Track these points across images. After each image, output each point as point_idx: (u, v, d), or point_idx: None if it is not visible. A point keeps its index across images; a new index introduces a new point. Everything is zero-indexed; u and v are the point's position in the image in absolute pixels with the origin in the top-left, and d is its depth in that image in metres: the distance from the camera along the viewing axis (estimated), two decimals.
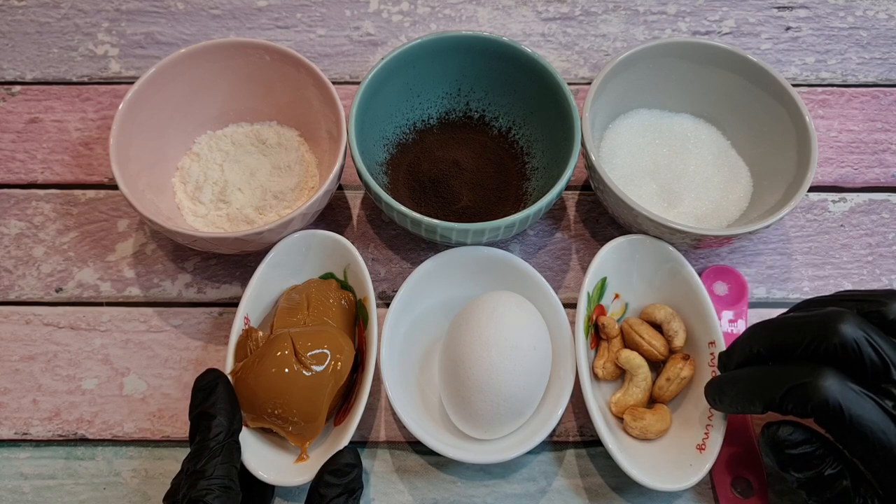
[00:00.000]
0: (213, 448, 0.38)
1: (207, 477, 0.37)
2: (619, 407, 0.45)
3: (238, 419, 0.40)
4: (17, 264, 0.52)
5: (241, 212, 0.50)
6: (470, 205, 0.51)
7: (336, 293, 0.46)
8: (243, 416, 0.42)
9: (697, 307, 0.46)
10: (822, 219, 0.54)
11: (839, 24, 0.62)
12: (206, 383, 0.40)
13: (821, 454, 0.36)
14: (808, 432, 0.36)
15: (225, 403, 0.40)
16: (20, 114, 0.57)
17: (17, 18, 0.62)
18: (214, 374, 0.41)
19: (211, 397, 0.40)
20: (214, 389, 0.40)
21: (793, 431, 0.36)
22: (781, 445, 0.36)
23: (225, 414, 0.39)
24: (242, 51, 0.51)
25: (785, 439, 0.36)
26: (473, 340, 0.42)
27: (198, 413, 0.39)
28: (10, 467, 0.45)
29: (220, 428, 0.38)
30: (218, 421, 0.39)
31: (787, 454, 0.36)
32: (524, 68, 0.51)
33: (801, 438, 0.36)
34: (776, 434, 0.36)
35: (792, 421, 0.36)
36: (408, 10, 0.63)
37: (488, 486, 0.45)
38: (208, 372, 0.41)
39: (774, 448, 0.37)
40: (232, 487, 0.37)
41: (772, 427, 0.37)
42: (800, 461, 0.36)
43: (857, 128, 0.58)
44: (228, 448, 0.38)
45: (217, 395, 0.40)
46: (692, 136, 0.53)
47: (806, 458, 0.36)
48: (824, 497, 0.36)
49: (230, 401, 0.40)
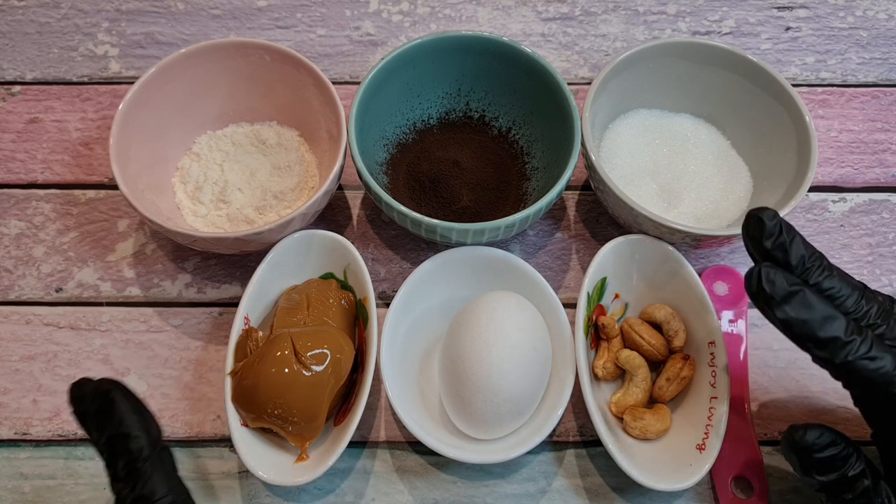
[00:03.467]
0: (143, 469, 0.34)
1: (151, 500, 0.34)
2: (619, 407, 0.45)
3: (154, 425, 0.35)
4: (17, 264, 0.52)
5: (241, 212, 0.50)
6: (470, 205, 0.51)
7: (336, 293, 0.46)
8: (243, 416, 0.42)
9: (697, 307, 0.46)
10: (822, 219, 0.54)
11: (839, 24, 0.62)
12: (98, 403, 0.35)
13: (845, 455, 0.35)
14: (834, 434, 0.36)
15: (132, 415, 0.34)
16: (20, 114, 0.57)
17: (17, 18, 0.62)
18: (100, 386, 0.35)
19: (113, 416, 0.34)
20: (112, 405, 0.34)
21: (820, 435, 0.36)
22: (809, 450, 0.36)
23: (139, 427, 0.34)
24: (242, 51, 0.51)
25: (812, 443, 0.35)
26: (473, 340, 0.42)
27: (107, 438, 0.34)
28: (10, 467, 0.45)
29: (139, 444, 0.34)
30: (134, 438, 0.34)
31: (815, 458, 0.36)
32: (524, 68, 0.51)
33: (828, 441, 0.35)
34: (803, 438, 0.36)
35: (817, 424, 0.36)
36: (408, 10, 0.63)
37: (488, 486, 0.45)
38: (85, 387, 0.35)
39: (800, 452, 0.36)
40: (177, 499, 0.34)
41: (797, 431, 0.36)
42: (826, 464, 0.35)
43: (857, 128, 0.58)
44: (159, 459, 0.35)
45: (119, 410, 0.34)
46: (692, 136, 0.53)
47: (832, 460, 0.35)
48: (845, 499, 0.35)
49: (136, 408, 0.35)
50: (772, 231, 0.35)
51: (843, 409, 0.47)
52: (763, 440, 0.46)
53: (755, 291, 0.35)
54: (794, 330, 0.34)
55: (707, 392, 0.44)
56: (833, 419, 0.47)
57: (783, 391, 0.48)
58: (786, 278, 0.34)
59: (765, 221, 0.35)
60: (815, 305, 0.34)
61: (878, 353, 0.34)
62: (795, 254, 0.35)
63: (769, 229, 0.35)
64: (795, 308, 0.34)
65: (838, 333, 0.34)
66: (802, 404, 0.47)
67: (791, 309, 0.34)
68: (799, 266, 0.35)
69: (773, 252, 0.35)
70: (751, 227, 0.36)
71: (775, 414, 0.47)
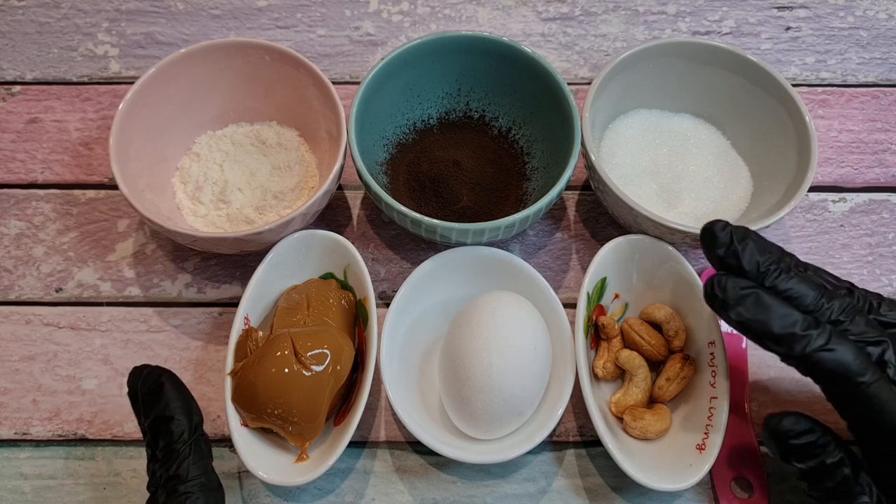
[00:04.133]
0: (181, 450, 0.36)
1: (184, 480, 0.36)
2: (619, 407, 0.45)
3: (196, 412, 0.38)
4: (17, 264, 0.52)
5: (241, 212, 0.50)
6: (470, 205, 0.51)
7: (336, 293, 0.46)
8: (243, 415, 0.42)
9: (697, 307, 0.46)
10: (822, 219, 0.54)
11: (839, 24, 0.62)
12: (149, 385, 0.38)
13: (822, 443, 0.36)
14: (811, 422, 0.36)
15: (178, 401, 0.37)
16: (20, 114, 0.57)
17: (17, 18, 0.62)
18: (155, 372, 0.39)
19: (161, 399, 0.37)
20: (161, 389, 0.38)
21: (795, 422, 0.36)
22: (784, 436, 0.36)
23: (182, 412, 0.37)
24: (242, 51, 0.51)
25: (788, 429, 0.36)
26: (473, 340, 0.42)
27: (153, 419, 0.37)
28: (10, 467, 0.45)
29: (181, 428, 0.37)
30: (177, 421, 0.37)
31: (791, 444, 0.36)
32: (524, 68, 0.51)
33: (804, 428, 0.36)
34: (779, 425, 0.36)
35: (794, 412, 0.37)
36: (408, 10, 0.63)
37: (488, 486, 0.45)
38: (142, 371, 0.39)
39: (777, 438, 0.37)
40: (210, 483, 0.37)
41: (774, 418, 0.37)
42: (802, 451, 0.36)
43: (857, 128, 0.58)
44: (196, 445, 0.37)
45: (166, 394, 0.38)
46: (692, 136, 0.53)
47: (808, 447, 0.36)
48: (826, 486, 0.36)
49: (182, 396, 0.38)
50: (723, 240, 0.37)
51: None
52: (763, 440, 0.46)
53: (709, 298, 0.37)
54: (751, 329, 0.36)
55: (707, 392, 0.44)
56: (833, 419, 0.47)
57: (783, 391, 0.48)
58: (736, 283, 0.36)
59: (715, 232, 0.38)
60: (768, 304, 0.36)
61: (836, 345, 0.35)
62: (749, 259, 0.37)
63: (720, 239, 0.37)
64: (749, 309, 0.36)
65: (793, 329, 0.35)
66: (802, 404, 0.47)
67: (745, 310, 0.36)
68: (753, 271, 0.37)
69: (726, 259, 0.37)
70: (704, 238, 0.38)
71: None
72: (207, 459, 0.38)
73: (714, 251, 0.38)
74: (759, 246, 0.37)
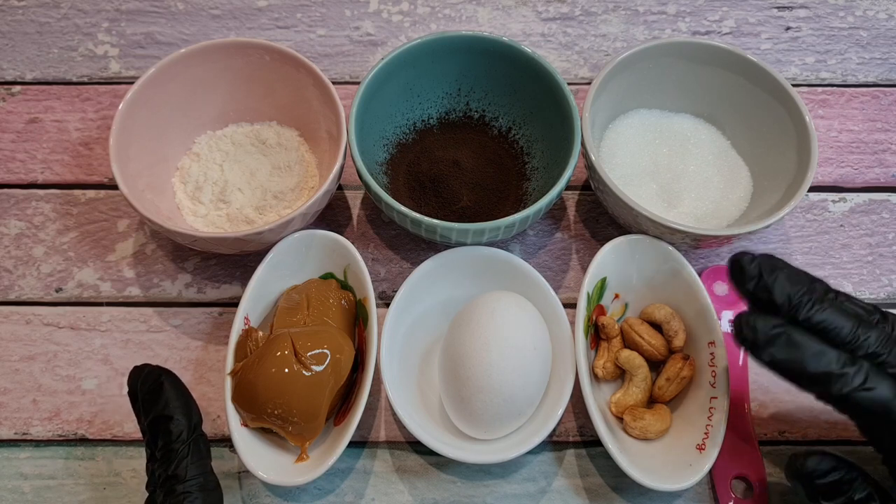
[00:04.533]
0: (179, 450, 0.37)
1: (182, 480, 0.36)
2: (619, 407, 0.45)
3: (196, 412, 0.39)
4: (17, 264, 0.52)
5: (241, 212, 0.50)
6: (470, 205, 0.51)
7: (336, 293, 0.46)
8: (243, 415, 0.42)
9: (697, 307, 0.46)
10: (822, 219, 0.54)
11: (839, 24, 0.62)
12: (149, 385, 0.38)
13: (849, 479, 0.35)
14: (835, 460, 0.36)
15: (177, 401, 0.38)
16: (20, 114, 0.57)
17: (17, 18, 0.62)
18: (154, 372, 0.39)
19: (160, 398, 0.38)
20: (160, 389, 0.38)
21: (820, 461, 0.36)
22: (810, 476, 0.36)
23: (181, 412, 0.37)
24: (242, 51, 0.51)
25: (813, 469, 0.36)
26: (473, 340, 0.42)
27: (152, 419, 0.38)
28: (10, 467, 0.45)
29: (180, 428, 0.37)
30: (176, 421, 0.37)
31: (817, 484, 0.36)
32: (524, 68, 0.51)
33: (829, 467, 0.36)
34: (804, 466, 0.36)
35: (817, 451, 0.36)
36: (408, 10, 0.63)
37: (488, 486, 0.45)
38: (142, 371, 0.39)
39: (803, 480, 0.36)
40: (208, 484, 0.37)
41: (798, 460, 0.36)
42: (830, 489, 0.36)
43: (857, 128, 0.58)
44: (195, 445, 0.37)
45: (166, 394, 0.38)
46: (692, 136, 0.53)
47: (836, 485, 0.36)
48: None
49: (182, 396, 0.38)
50: (752, 273, 0.36)
51: None
52: (763, 440, 0.46)
53: (739, 338, 0.35)
54: (784, 370, 0.34)
55: (707, 392, 0.44)
56: (833, 419, 0.47)
57: (783, 391, 0.48)
58: (766, 322, 0.35)
59: (743, 265, 0.36)
60: (801, 343, 0.34)
61: (874, 384, 0.33)
62: (780, 293, 0.35)
63: (749, 272, 0.36)
64: (780, 349, 0.34)
65: (829, 368, 0.34)
66: (802, 404, 0.47)
67: (777, 351, 0.34)
68: (785, 304, 0.35)
69: (758, 293, 0.36)
70: (733, 272, 0.37)
71: (775, 414, 0.47)
72: (206, 460, 0.38)
73: (744, 286, 0.36)
74: (790, 276, 0.36)
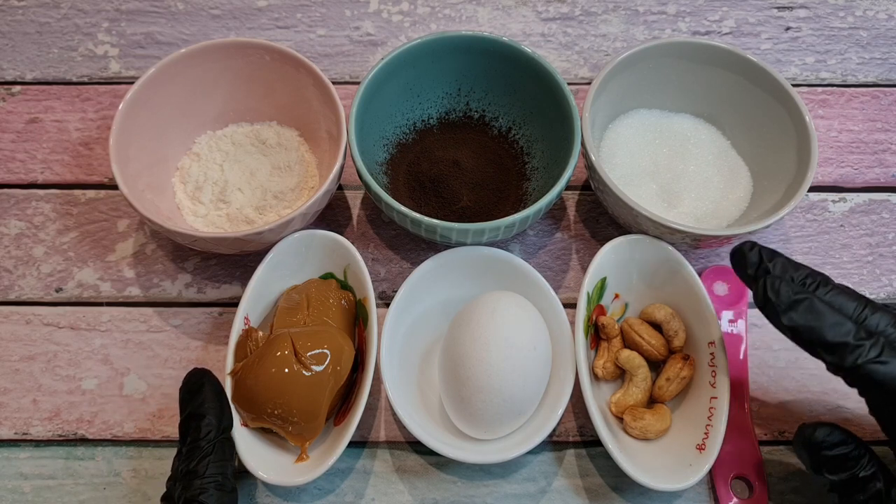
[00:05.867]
0: (204, 447, 0.38)
1: (201, 476, 0.37)
2: (619, 407, 0.45)
3: (228, 416, 0.40)
4: (17, 264, 0.52)
5: (241, 212, 0.50)
6: (470, 205, 0.51)
7: (336, 293, 0.46)
8: (243, 415, 0.42)
9: (697, 307, 0.46)
10: (822, 219, 0.54)
11: (839, 24, 0.62)
12: (192, 384, 0.40)
13: (856, 455, 0.36)
14: (845, 434, 0.36)
15: (212, 402, 0.39)
16: (20, 114, 0.57)
17: (17, 18, 0.62)
18: (200, 373, 0.41)
19: (198, 397, 0.39)
20: (201, 389, 0.40)
21: (830, 433, 0.36)
22: (818, 447, 0.36)
23: (213, 412, 0.39)
24: (242, 51, 0.51)
25: (822, 440, 0.36)
26: (473, 340, 0.42)
27: (186, 415, 0.39)
28: (10, 467, 0.45)
29: (209, 427, 0.38)
30: (207, 420, 0.38)
31: (824, 455, 0.36)
32: (524, 68, 0.51)
33: (838, 440, 0.36)
34: (813, 435, 0.36)
35: (828, 423, 0.37)
36: (408, 10, 0.63)
37: (488, 486, 0.45)
38: (194, 372, 0.41)
39: (810, 450, 0.36)
40: (225, 485, 0.37)
41: (807, 429, 0.37)
42: (835, 463, 0.36)
43: (857, 128, 0.58)
44: (220, 445, 0.38)
45: (204, 394, 0.39)
46: (692, 136, 0.53)
47: (842, 459, 0.36)
48: (857, 500, 0.36)
49: (218, 399, 0.40)
50: (753, 260, 0.37)
51: (842, 409, 0.47)
52: (763, 440, 0.46)
53: (762, 302, 0.36)
54: (803, 336, 0.35)
55: (707, 392, 0.44)
56: (833, 419, 0.47)
57: (783, 391, 0.48)
58: (790, 287, 0.36)
59: (744, 252, 0.38)
60: (822, 311, 0.35)
61: (889, 358, 0.34)
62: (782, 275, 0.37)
63: (750, 259, 0.37)
64: (802, 314, 0.35)
65: (847, 338, 0.34)
66: (802, 404, 0.47)
67: (798, 316, 0.35)
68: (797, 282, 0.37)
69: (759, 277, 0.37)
70: (735, 260, 0.38)
71: (775, 414, 0.47)
72: (228, 462, 0.39)
73: (745, 271, 0.37)
74: (790, 262, 0.37)
